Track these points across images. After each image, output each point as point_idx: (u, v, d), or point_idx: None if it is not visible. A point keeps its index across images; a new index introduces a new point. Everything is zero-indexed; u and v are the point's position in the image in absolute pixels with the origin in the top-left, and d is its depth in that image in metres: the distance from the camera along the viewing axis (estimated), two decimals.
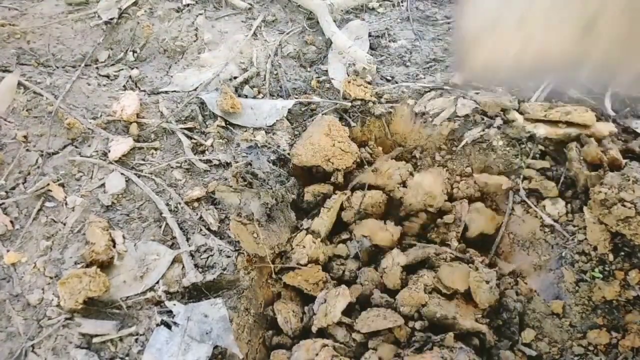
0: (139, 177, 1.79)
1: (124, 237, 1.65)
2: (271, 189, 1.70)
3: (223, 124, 1.96)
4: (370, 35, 2.29)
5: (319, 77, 2.14)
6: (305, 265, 1.70)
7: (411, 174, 1.95)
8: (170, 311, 1.52)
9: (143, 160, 1.85)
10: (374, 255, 1.82)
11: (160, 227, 1.68)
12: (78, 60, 2.22)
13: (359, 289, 1.68)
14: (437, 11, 2.44)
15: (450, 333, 1.52)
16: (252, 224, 1.64)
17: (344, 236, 1.83)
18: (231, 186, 1.71)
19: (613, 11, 1.16)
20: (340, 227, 1.87)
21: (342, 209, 1.86)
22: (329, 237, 1.85)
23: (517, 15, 1.29)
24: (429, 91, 2.03)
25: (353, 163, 1.90)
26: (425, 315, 1.58)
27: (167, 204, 1.72)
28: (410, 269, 1.74)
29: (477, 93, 1.99)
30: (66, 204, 1.73)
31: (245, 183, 1.70)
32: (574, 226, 1.65)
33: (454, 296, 1.65)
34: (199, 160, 1.84)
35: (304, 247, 1.72)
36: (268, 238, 1.66)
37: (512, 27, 1.32)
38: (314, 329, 1.57)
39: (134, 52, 2.29)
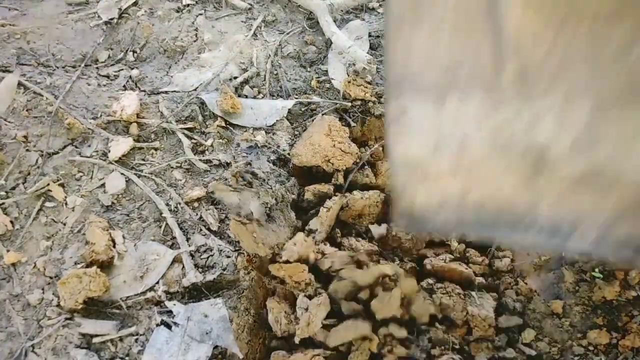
0: (139, 177, 1.79)
1: (124, 237, 1.65)
2: (271, 188, 1.70)
3: (223, 124, 1.96)
4: (370, 35, 2.29)
5: (319, 77, 2.14)
6: (293, 262, 1.68)
7: None
8: (170, 311, 1.52)
9: (143, 160, 1.85)
10: None
11: (160, 227, 1.68)
12: (78, 60, 2.22)
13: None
14: None
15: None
16: (252, 224, 1.64)
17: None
18: (231, 186, 1.71)
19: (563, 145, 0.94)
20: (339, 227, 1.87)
21: (341, 208, 1.86)
22: (328, 237, 1.85)
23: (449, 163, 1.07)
24: None
25: (353, 164, 1.90)
26: None
27: (167, 204, 1.72)
28: None
29: None
30: (66, 204, 1.73)
31: (245, 183, 1.70)
32: None
33: None
34: (199, 160, 1.84)
35: (294, 244, 1.70)
36: (268, 238, 1.65)
37: (447, 174, 1.10)
38: (296, 339, 1.55)
39: (134, 52, 2.29)
